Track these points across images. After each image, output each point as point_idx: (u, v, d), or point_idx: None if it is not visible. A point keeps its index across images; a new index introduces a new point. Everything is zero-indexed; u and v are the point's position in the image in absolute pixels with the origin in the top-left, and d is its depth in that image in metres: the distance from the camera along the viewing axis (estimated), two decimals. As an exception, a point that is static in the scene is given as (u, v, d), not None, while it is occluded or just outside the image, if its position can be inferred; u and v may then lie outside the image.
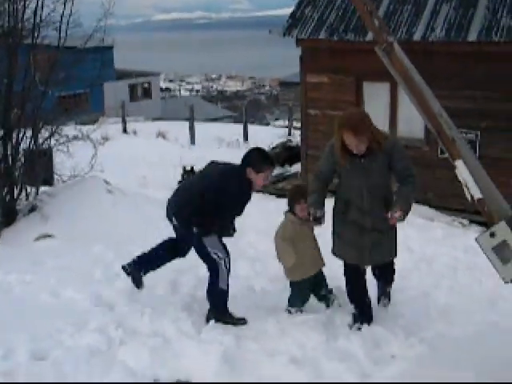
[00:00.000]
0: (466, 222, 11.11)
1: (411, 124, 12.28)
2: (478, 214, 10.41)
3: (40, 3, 10.50)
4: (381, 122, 12.72)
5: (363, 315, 6.02)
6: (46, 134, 11.22)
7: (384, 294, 6.46)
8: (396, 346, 5.59)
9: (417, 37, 11.61)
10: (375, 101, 12.81)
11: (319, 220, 5.76)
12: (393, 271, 6.36)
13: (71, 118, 18.06)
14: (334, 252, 6.05)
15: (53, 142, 11.39)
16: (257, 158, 6.14)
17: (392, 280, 6.42)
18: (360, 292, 6.09)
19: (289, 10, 13.83)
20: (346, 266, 6.04)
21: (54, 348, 5.40)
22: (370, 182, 5.69)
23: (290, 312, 6.30)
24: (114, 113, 34.58)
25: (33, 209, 10.29)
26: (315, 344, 5.55)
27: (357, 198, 5.75)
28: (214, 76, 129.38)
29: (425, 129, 11.93)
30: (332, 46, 13.00)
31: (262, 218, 7.77)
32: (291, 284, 6.38)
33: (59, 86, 12.00)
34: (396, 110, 12.61)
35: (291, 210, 6.29)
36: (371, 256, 5.85)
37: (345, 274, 6.09)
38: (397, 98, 12.47)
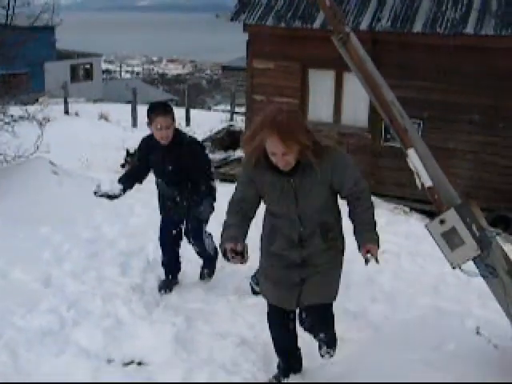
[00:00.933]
0: (407, 209, 11.38)
1: (355, 112, 12.52)
2: (418, 202, 10.73)
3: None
4: (325, 109, 12.94)
5: (287, 370, 4.95)
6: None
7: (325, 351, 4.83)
8: (344, 329, 5.73)
9: (363, 26, 11.80)
10: (320, 88, 12.99)
11: (242, 255, 4.09)
12: (329, 325, 4.76)
13: (11, 98, 17.81)
14: (262, 292, 4.83)
15: (-3, 121, 11.26)
16: (147, 110, 5.96)
17: (332, 340, 4.83)
18: (286, 342, 4.91)
19: (234, -6, 13.90)
20: (269, 308, 4.80)
21: (5, 328, 5.38)
22: (302, 207, 4.27)
23: (251, 286, 6.40)
24: (55, 93, 34.08)
25: (-24, 189, 10.16)
26: (265, 326, 5.65)
27: (284, 227, 4.38)
28: (154, 59, 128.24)
29: (368, 117, 12.18)
30: (279, 33, 13.11)
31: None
32: None
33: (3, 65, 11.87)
34: (341, 98, 12.81)
35: None
36: (301, 296, 4.53)
37: (268, 318, 4.89)
38: (342, 86, 12.67)
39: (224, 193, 11.29)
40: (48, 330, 5.41)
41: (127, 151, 15.25)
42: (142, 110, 25.50)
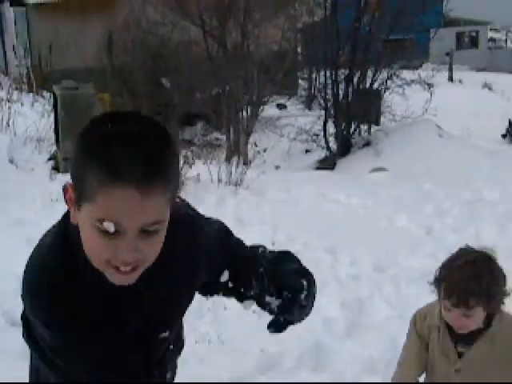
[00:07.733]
0: None
1: None
2: None
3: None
4: None
5: None
6: (383, 76, 11.91)
7: None
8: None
9: None
10: None
11: None
12: None
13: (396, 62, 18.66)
14: None
15: (389, 83, 12.07)
16: None
17: None
18: None
19: None
20: None
21: (390, 265, 6.05)
22: None
23: None
24: (437, 60, 34.47)
25: (366, 144, 11.15)
26: None
27: None
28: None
29: None
30: None
31: None
32: None
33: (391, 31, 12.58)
34: None
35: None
36: None
37: None
38: None
39: None
40: (428, 272, 5.94)
41: (509, 122, 15.23)
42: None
